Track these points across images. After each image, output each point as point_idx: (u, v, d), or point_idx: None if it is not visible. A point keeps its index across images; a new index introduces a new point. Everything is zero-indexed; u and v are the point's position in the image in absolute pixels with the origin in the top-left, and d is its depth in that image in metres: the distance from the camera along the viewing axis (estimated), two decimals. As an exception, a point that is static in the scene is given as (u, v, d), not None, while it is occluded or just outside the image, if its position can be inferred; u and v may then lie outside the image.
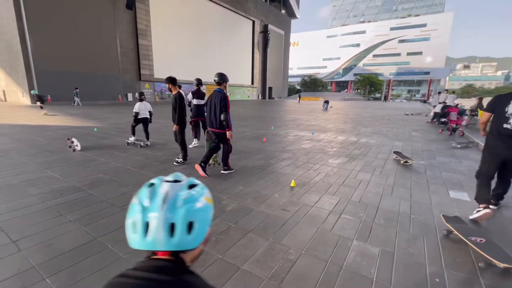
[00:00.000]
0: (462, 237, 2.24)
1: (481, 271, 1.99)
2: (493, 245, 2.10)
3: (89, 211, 2.83)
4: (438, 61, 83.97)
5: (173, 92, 4.61)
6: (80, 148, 5.48)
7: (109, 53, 22.45)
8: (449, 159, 5.53)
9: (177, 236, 0.59)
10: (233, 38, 37.19)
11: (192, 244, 0.61)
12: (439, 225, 2.67)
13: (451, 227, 2.39)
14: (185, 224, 0.60)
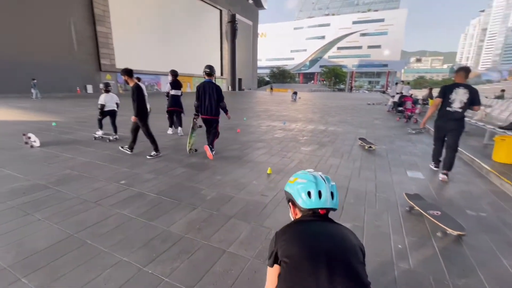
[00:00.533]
0: (422, 211, 2.55)
1: (435, 237, 2.32)
2: (447, 217, 2.42)
3: (60, 209, 2.68)
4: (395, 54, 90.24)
5: (130, 84, 4.42)
6: (39, 144, 5.03)
7: (63, 41, 20.35)
8: (406, 143, 6.13)
9: (335, 199, 1.08)
10: (200, 27, 35.96)
11: (337, 206, 1.09)
12: (400, 201, 3.02)
13: (413, 203, 2.69)
14: (335, 193, 1.09)
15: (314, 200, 1.04)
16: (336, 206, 1.09)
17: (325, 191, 1.06)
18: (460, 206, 2.93)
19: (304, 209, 1.07)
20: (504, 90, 14.23)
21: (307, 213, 1.08)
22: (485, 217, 2.69)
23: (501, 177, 3.58)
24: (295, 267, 0.92)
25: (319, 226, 1.03)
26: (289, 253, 0.95)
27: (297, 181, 1.11)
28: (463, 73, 3.67)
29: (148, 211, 2.67)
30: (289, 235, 1.02)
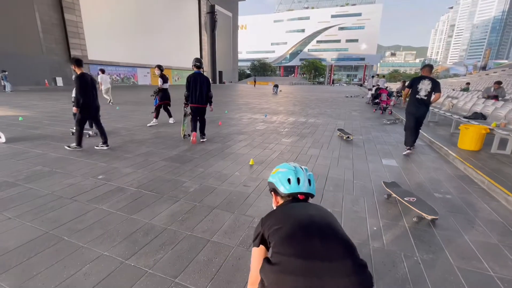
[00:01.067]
0: (399, 198, 2.68)
1: (407, 219, 2.49)
2: (422, 202, 2.56)
3: (32, 206, 2.55)
4: (371, 49, 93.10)
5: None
6: (4, 140, 4.69)
7: (27, 29, 18.78)
8: (381, 133, 6.43)
9: (312, 186, 1.19)
10: (178, 18, 34.73)
11: (314, 192, 1.20)
12: (375, 187, 3.19)
13: (390, 191, 2.80)
14: (312, 181, 1.19)
15: (293, 185, 1.15)
16: (313, 192, 1.20)
17: (303, 178, 1.17)
18: (429, 190, 3.15)
19: (284, 195, 1.16)
20: (469, 83, 15.23)
21: (287, 199, 1.17)
22: (450, 199, 2.92)
23: (465, 163, 3.88)
24: (288, 238, 0.93)
25: (301, 205, 1.12)
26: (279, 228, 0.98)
27: (278, 171, 1.21)
28: (428, 69, 4.54)
29: (128, 205, 2.62)
30: (275, 216, 1.07)
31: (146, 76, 30.92)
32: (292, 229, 0.95)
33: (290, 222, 0.98)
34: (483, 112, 5.81)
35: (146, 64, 30.37)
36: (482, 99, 7.12)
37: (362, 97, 19.32)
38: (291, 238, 0.93)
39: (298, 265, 0.85)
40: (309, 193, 1.17)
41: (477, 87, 18.78)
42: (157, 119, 6.87)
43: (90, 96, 4.29)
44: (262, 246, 1.06)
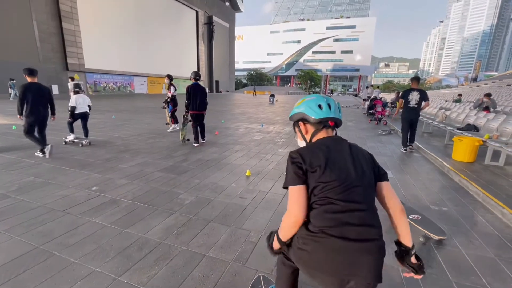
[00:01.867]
0: None
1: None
2: (427, 220, 2.46)
3: (23, 219, 2.48)
4: (365, 60, 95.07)
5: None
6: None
7: (24, 37, 18.76)
8: (377, 144, 6.48)
9: (341, 112, 1.20)
10: (176, 28, 35.16)
11: (342, 118, 1.20)
12: (371, 199, 3.18)
13: None
14: (340, 109, 1.20)
15: (325, 110, 1.13)
16: (341, 118, 1.20)
17: (333, 104, 1.16)
18: (425, 202, 3.16)
19: (316, 121, 1.13)
20: (461, 95, 15.57)
21: (318, 126, 1.15)
22: (446, 212, 2.93)
23: (460, 174, 3.91)
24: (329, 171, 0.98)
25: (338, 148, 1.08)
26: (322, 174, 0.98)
27: (306, 100, 1.20)
28: (416, 81, 5.54)
29: (122, 218, 2.57)
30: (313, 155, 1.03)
31: (142, 84, 30.95)
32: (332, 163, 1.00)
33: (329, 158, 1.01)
34: (476, 124, 5.92)
35: (143, 73, 30.46)
36: (474, 111, 7.27)
37: (357, 107, 19.57)
38: (332, 171, 0.98)
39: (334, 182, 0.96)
40: (339, 119, 1.16)
41: (469, 98, 19.21)
42: (176, 123, 7.47)
43: (33, 105, 4.31)
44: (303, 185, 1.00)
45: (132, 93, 29.28)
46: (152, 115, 10.77)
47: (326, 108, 1.13)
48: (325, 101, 1.15)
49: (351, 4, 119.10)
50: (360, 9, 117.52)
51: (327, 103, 1.15)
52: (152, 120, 9.46)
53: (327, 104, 1.14)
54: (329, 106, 1.14)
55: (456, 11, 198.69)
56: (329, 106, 1.14)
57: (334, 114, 1.14)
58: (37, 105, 4.37)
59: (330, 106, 1.14)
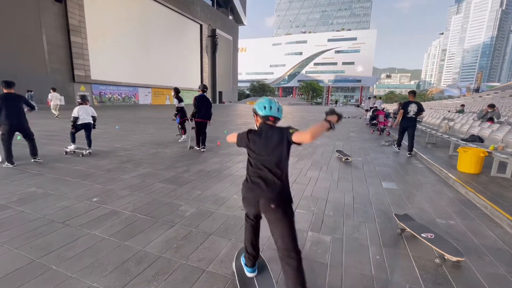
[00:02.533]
0: (415, 234, 2.40)
1: (410, 247, 2.41)
2: (442, 240, 2.29)
3: (21, 231, 2.46)
4: (367, 71, 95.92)
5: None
6: (1, 159, 4.63)
7: (33, 50, 19.27)
8: (380, 155, 6.42)
9: (279, 112, 1.72)
10: (180, 40, 35.99)
11: (280, 116, 1.73)
12: (376, 212, 3.12)
13: (404, 225, 2.55)
14: (280, 109, 1.73)
15: (267, 110, 1.69)
16: (280, 116, 1.75)
17: (274, 106, 1.71)
18: (431, 215, 3.08)
19: (261, 117, 1.71)
20: (463, 105, 15.54)
21: (263, 119, 1.71)
22: (454, 225, 2.85)
23: (466, 186, 3.83)
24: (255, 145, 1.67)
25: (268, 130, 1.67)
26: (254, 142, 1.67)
27: (258, 102, 1.75)
28: (412, 95, 6.48)
29: (122, 230, 2.53)
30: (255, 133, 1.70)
31: (147, 95, 31.41)
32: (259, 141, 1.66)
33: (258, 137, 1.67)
34: (480, 135, 5.86)
35: (148, 84, 30.99)
36: (478, 121, 7.21)
37: (359, 117, 19.56)
38: (256, 146, 1.67)
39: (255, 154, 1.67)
40: (277, 117, 1.73)
41: (472, 108, 19.15)
42: (186, 134, 7.62)
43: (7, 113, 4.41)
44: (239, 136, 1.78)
45: (136, 104, 29.68)
46: (156, 126, 10.84)
47: (268, 109, 1.69)
48: (268, 104, 1.70)
49: (352, 17, 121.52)
50: (361, 21, 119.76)
51: (270, 105, 1.70)
52: (155, 130, 9.51)
53: (269, 106, 1.70)
54: (271, 108, 1.70)
55: (456, 24, 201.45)
56: (271, 108, 1.70)
57: (273, 113, 1.70)
58: (10, 113, 4.46)
59: (271, 108, 1.70)
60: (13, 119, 4.51)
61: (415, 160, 5.95)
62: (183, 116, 7.48)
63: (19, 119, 4.60)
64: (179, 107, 7.41)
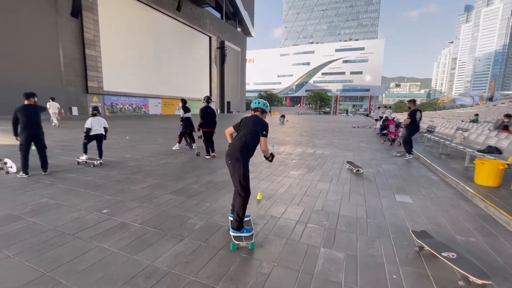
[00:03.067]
0: (435, 253, 2.27)
1: (429, 265, 2.29)
2: (465, 260, 2.14)
3: (33, 243, 2.47)
4: (375, 80, 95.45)
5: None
6: (15, 170, 4.75)
7: (50, 63, 20.11)
8: (392, 166, 6.26)
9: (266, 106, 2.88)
10: (190, 52, 36.88)
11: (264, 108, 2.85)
12: (391, 227, 3.00)
13: (422, 243, 2.42)
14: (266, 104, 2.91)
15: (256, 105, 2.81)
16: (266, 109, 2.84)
17: (262, 103, 2.82)
18: (449, 231, 2.94)
19: (253, 109, 2.83)
20: (477, 115, 15.13)
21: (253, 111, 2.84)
22: (474, 243, 2.70)
23: (485, 201, 3.66)
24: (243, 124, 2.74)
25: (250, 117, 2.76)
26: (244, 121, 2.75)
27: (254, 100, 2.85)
28: (413, 103, 7.29)
29: (131, 243, 2.50)
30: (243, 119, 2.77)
31: (157, 106, 32.05)
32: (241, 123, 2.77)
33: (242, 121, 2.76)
34: (498, 146, 5.65)
35: (158, 94, 31.68)
36: (494, 132, 6.98)
37: (369, 127, 19.31)
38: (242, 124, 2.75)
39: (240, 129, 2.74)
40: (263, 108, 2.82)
41: (486, 118, 18.63)
42: (179, 144, 7.89)
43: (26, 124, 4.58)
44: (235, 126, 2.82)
45: (146, 114, 30.28)
46: (165, 136, 10.98)
47: (257, 104, 2.81)
48: (258, 101, 2.84)
49: (360, 27, 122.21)
50: (368, 31, 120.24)
51: (258, 102, 2.83)
52: (164, 140, 9.63)
53: (258, 102, 2.82)
54: (259, 103, 2.82)
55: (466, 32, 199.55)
56: (259, 103, 2.81)
57: (260, 106, 2.80)
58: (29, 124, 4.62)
59: (259, 103, 2.81)
60: (33, 130, 4.66)
61: (429, 172, 5.76)
62: (186, 126, 7.63)
63: (38, 130, 4.75)
64: (183, 117, 7.59)
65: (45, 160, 4.84)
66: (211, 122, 6.56)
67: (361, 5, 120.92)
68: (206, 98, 6.58)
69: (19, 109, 4.58)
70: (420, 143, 10.10)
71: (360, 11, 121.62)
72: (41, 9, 19.40)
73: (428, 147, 8.97)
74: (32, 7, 18.83)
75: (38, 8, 19.20)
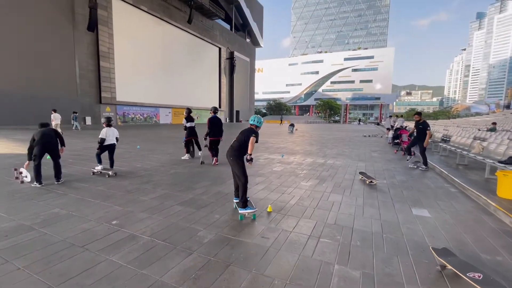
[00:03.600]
0: (459, 273, 2.12)
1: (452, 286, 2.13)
2: (492, 281, 2.01)
3: (43, 255, 2.46)
4: (386, 88, 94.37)
5: None
6: (30, 179, 4.84)
7: (66, 75, 20.98)
8: (407, 177, 6.05)
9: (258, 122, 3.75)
10: (200, 63, 37.68)
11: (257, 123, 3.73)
12: (409, 243, 2.84)
13: (445, 261, 2.28)
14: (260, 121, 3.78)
15: (251, 121, 3.72)
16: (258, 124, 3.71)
17: (256, 120, 3.70)
18: (473, 249, 2.76)
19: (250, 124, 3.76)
20: (495, 123, 14.59)
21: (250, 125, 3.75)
22: (502, 262, 2.51)
23: (511, 216, 3.44)
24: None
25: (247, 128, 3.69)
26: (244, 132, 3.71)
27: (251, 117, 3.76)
28: (419, 115, 7.37)
29: (139, 257, 2.46)
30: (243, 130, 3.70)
31: (167, 115, 32.65)
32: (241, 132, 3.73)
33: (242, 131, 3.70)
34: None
35: (168, 104, 32.32)
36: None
37: (380, 136, 18.94)
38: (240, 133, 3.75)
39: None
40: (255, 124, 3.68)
41: (505, 126, 17.94)
42: (188, 154, 7.93)
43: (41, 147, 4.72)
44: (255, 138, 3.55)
45: (157, 123, 30.83)
46: (175, 145, 11.08)
47: (252, 121, 3.72)
48: (253, 118, 3.72)
49: (368, 36, 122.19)
50: (377, 40, 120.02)
51: (253, 119, 3.71)
52: (174, 150, 9.70)
53: (253, 119, 3.70)
54: (254, 120, 3.69)
55: (478, 39, 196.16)
56: (254, 120, 3.69)
57: (254, 123, 3.69)
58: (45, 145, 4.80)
59: (254, 120, 3.69)
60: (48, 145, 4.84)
61: (446, 184, 5.52)
62: (189, 135, 7.72)
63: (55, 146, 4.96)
64: (185, 125, 7.72)
65: (59, 169, 4.93)
66: (217, 131, 7.03)
67: (370, 14, 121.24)
68: (213, 109, 7.14)
69: (35, 132, 4.80)
70: (435, 152, 9.78)
71: (368, 20, 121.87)
72: (60, 24, 20.38)
73: (443, 157, 8.66)
74: (52, 22, 19.82)
75: (57, 24, 20.19)
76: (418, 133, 7.23)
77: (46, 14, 19.42)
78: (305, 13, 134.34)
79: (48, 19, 19.60)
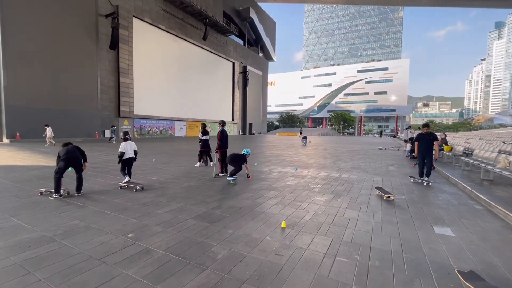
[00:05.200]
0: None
1: (481, 313, 1.98)
2: None
3: (62, 267, 2.53)
4: (401, 100, 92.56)
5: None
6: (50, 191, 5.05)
7: (89, 90, 22.19)
8: (426, 192, 5.80)
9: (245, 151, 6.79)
10: (214, 77, 38.75)
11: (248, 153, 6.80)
12: (432, 265, 2.69)
13: (472, 286, 2.18)
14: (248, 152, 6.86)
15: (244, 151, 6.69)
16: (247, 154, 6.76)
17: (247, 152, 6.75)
18: (505, 274, 2.57)
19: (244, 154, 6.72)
20: (521, 135, 13.83)
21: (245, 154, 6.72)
22: (537, 289, 2.32)
23: (544, 237, 3.20)
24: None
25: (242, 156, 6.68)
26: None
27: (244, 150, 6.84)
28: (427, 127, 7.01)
29: (154, 272, 2.47)
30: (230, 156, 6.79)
31: (182, 128, 33.44)
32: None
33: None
34: (551, 172, 5.04)
35: (183, 117, 33.18)
36: (544, 156, 6.28)
37: (397, 149, 18.40)
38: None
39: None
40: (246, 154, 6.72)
41: (531, 139, 16.93)
42: (200, 162, 9.06)
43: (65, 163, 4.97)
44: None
45: (172, 136, 31.56)
46: (189, 158, 11.25)
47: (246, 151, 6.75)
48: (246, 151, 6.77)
49: (382, 48, 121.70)
50: (391, 52, 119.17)
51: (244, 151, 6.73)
52: (189, 163, 9.84)
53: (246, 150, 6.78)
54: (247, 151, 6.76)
55: (499, 49, 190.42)
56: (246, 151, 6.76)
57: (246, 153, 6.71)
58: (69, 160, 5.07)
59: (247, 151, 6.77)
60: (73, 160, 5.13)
61: (470, 200, 5.24)
62: (202, 147, 8.97)
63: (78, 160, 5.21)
64: (200, 139, 9.00)
65: (81, 182, 5.14)
66: (226, 143, 7.56)
67: (383, 26, 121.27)
68: (221, 122, 7.65)
69: (60, 150, 5.17)
70: (457, 166, 9.36)
71: (382, 32, 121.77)
72: (84, 44, 21.75)
73: (466, 172, 8.26)
74: (77, 41, 21.20)
75: (82, 43, 21.56)
76: (428, 145, 6.76)
77: (73, 34, 20.84)
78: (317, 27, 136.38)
79: (75, 39, 21.00)
